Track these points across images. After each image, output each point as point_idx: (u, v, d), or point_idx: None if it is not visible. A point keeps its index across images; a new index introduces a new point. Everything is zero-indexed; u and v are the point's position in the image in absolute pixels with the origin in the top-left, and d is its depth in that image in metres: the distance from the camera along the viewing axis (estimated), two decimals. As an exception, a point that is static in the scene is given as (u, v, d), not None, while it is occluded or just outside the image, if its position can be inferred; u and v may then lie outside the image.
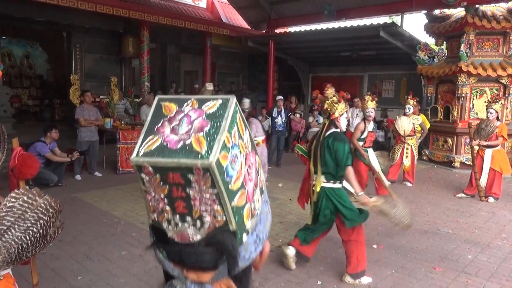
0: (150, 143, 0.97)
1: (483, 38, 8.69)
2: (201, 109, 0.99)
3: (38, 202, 1.56)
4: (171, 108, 1.02)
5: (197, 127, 0.96)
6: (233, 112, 0.98)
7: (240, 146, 0.98)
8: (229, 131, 0.95)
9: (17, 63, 14.43)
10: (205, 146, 0.91)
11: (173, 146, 0.94)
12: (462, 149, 8.85)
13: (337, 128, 3.51)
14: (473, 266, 3.88)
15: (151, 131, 1.00)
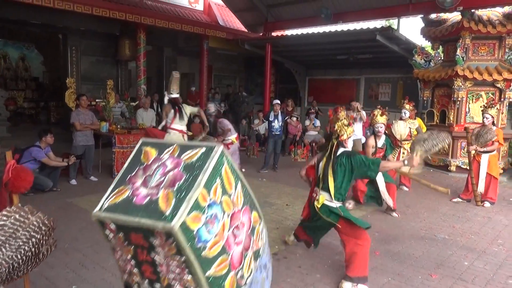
0: (117, 195, 0.86)
1: (479, 42, 8.72)
2: (179, 158, 0.86)
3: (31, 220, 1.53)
4: (150, 154, 0.92)
5: (170, 180, 0.82)
6: (216, 163, 0.84)
7: (225, 204, 0.84)
8: (207, 187, 0.81)
9: (13, 65, 14.33)
10: (172, 206, 0.77)
11: (139, 201, 0.82)
12: (458, 153, 8.87)
13: (344, 148, 3.68)
14: (469, 273, 3.88)
15: (123, 180, 0.89)
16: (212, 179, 0.80)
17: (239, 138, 11.24)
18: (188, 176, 0.79)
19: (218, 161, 0.82)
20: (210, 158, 0.80)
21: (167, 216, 0.73)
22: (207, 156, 0.80)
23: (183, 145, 0.89)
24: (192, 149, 0.85)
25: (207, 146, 0.85)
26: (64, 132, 9.53)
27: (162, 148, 0.89)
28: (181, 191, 0.77)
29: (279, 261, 4.03)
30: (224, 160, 0.83)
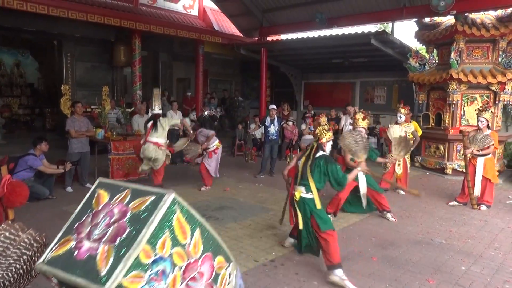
0: (61, 246, 0.81)
1: (473, 45, 8.78)
2: (127, 206, 0.80)
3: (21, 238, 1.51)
4: (102, 199, 0.86)
5: (113, 234, 0.76)
6: (164, 215, 0.77)
7: (175, 256, 0.77)
8: (152, 242, 0.74)
9: (7, 71, 14.26)
10: (109, 266, 0.72)
11: (79, 256, 0.76)
12: (454, 155, 8.91)
13: (324, 151, 4.09)
14: (466, 278, 3.88)
15: (71, 228, 0.84)
16: (159, 233, 0.75)
17: (235, 143, 11.28)
18: (132, 230, 0.74)
19: (167, 212, 0.77)
20: (157, 209, 0.75)
21: (102, 277, 0.69)
22: (155, 207, 0.75)
23: (135, 190, 0.84)
24: (142, 197, 0.80)
25: (158, 194, 0.79)
26: (60, 139, 9.48)
27: (114, 192, 0.84)
28: (121, 247, 0.72)
29: (276, 268, 4.02)
30: (175, 208, 0.78)
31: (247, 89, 16.28)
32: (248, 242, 4.70)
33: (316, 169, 3.96)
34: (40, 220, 5.23)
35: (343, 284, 3.61)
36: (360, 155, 4.29)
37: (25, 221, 5.01)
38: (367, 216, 5.80)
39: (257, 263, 4.12)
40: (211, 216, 5.68)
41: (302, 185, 4.02)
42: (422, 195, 7.13)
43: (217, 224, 5.33)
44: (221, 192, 7.20)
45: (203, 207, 6.14)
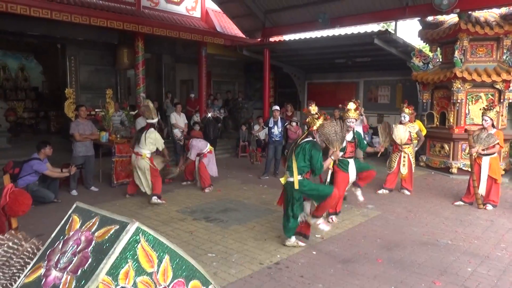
0: (32, 272, 0.82)
1: (477, 44, 8.73)
2: (93, 235, 0.79)
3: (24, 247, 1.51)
4: (74, 225, 0.86)
5: (76, 264, 0.77)
6: (126, 244, 0.76)
7: (141, 285, 0.76)
8: (112, 273, 0.74)
9: (12, 75, 14.38)
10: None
11: (46, 285, 0.77)
12: (459, 155, 8.86)
13: (313, 138, 4.37)
14: (473, 279, 3.85)
15: (44, 255, 0.84)
16: (121, 263, 0.74)
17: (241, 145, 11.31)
18: (93, 261, 0.74)
19: (129, 241, 0.76)
20: (118, 240, 0.74)
21: None
22: (117, 237, 0.75)
23: (103, 218, 0.83)
24: (107, 226, 0.79)
25: (121, 223, 0.78)
26: (65, 142, 9.54)
27: (85, 218, 0.84)
28: (81, 279, 0.72)
29: (281, 270, 4.01)
30: (139, 238, 0.77)
31: (251, 90, 16.28)
32: (252, 244, 4.69)
33: (301, 152, 4.26)
34: (46, 224, 5.25)
35: (317, 227, 4.36)
36: (335, 145, 4.55)
37: (31, 225, 5.06)
38: (372, 218, 5.78)
39: (262, 265, 4.11)
40: (215, 219, 5.68)
41: (288, 170, 4.36)
42: (428, 195, 7.11)
43: (221, 226, 5.33)
44: (225, 194, 7.19)
45: (207, 210, 6.14)
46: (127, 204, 6.43)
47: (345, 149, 5.54)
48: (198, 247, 4.60)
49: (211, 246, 4.65)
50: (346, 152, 5.57)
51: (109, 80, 12.17)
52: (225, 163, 10.61)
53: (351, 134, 5.64)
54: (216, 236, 4.97)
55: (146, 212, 5.99)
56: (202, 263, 4.14)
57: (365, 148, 6.09)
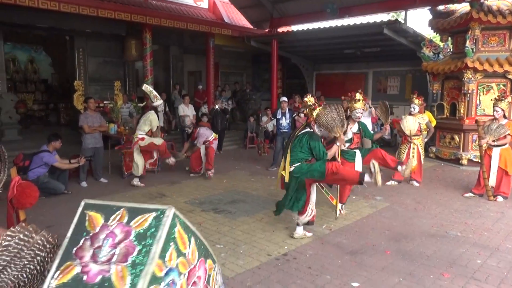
0: (64, 273, 0.81)
1: (489, 33, 8.56)
2: (129, 226, 0.83)
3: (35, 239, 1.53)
4: (96, 221, 0.86)
5: (122, 253, 0.79)
6: (168, 229, 0.82)
7: (180, 266, 0.82)
8: (162, 256, 0.79)
9: (22, 68, 14.49)
10: (128, 284, 0.75)
11: (90, 279, 0.78)
12: (469, 146, 8.76)
13: (311, 129, 4.38)
14: (482, 271, 3.82)
15: (69, 254, 0.84)
16: (167, 247, 0.79)
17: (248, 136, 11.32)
18: (141, 248, 0.77)
19: (170, 225, 0.80)
20: (162, 225, 0.78)
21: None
22: (159, 222, 0.78)
23: (131, 209, 0.86)
24: (141, 215, 0.82)
25: (157, 210, 0.82)
26: (74, 133, 9.62)
27: (108, 213, 0.86)
28: (135, 265, 0.75)
29: (288, 261, 4.02)
30: (176, 222, 0.82)
31: (259, 81, 16.22)
32: (260, 235, 4.71)
33: (298, 144, 4.27)
34: (57, 215, 5.33)
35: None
36: (337, 130, 4.38)
37: (41, 216, 5.12)
38: (381, 209, 5.75)
39: (270, 257, 4.13)
40: (223, 210, 5.70)
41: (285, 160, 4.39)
42: (437, 187, 7.06)
43: (230, 218, 5.36)
44: (233, 185, 7.21)
45: (216, 201, 6.17)
46: (135, 196, 6.48)
47: (351, 140, 5.51)
48: (206, 238, 4.57)
49: (219, 237, 4.68)
50: (353, 143, 5.53)
51: (117, 72, 12.21)
52: (233, 154, 10.63)
53: (356, 125, 5.58)
54: (224, 228, 4.99)
55: (154, 203, 6.02)
56: (210, 254, 4.17)
57: (372, 136, 5.98)
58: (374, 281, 3.60)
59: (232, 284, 3.55)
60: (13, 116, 9.67)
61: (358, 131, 5.60)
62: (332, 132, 4.39)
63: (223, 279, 1.00)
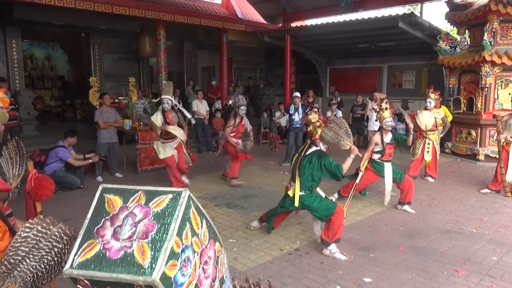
0: (87, 250, 0.86)
1: (508, 25, 8.36)
2: (148, 207, 0.88)
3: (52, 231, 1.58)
4: (115, 203, 0.92)
5: (142, 231, 0.85)
6: (184, 209, 0.87)
7: (194, 245, 0.88)
8: (179, 234, 0.85)
9: (39, 65, 14.75)
10: (149, 258, 0.80)
11: (113, 255, 0.83)
12: (486, 141, 8.60)
13: (317, 147, 4.14)
14: (498, 268, 3.76)
15: (90, 233, 0.89)
16: (183, 225, 0.85)
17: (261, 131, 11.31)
18: (160, 226, 0.83)
19: (186, 206, 0.85)
20: (179, 205, 0.84)
21: (146, 269, 0.77)
22: (176, 203, 0.84)
23: (148, 192, 0.91)
24: (158, 196, 0.87)
25: (173, 192, 0.87)
26: (90, 129, 9.77)
27: (126, 195, 0.92)
28: (155, 242, 0.80)
29: (301, 256, 4.03)
30: (191, 203, 0.87)
31: (272, 76, 16.18)
32: (273, 230, 4.72)
33: (308, 166, 4.04)
34: (73, 209, 5.44)
35: (333, 257, 3.97)
36: (345, 143, 4.15)
37: (58, 210, 5.24)
38: (394, 205, 5.69)
39: (282, 251, 4.14)
40: (236, 205, 5.73)
41: (293, 181, 4.17)
42: (453, 183, 6.95)
43: (242, 213, 5.39)
44: (246, 180, 7.22)
45: (229, 196, 6.20)
46: (150, 190, 6.56)
47: (383, 152, 5.41)
48: (219, 233, 4.63)
49: (232, 232, 4.71)
50: (384, 155, 5.42)
51: (131, 68, 12.33)
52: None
53: (390, 135, 5.45)
54: (237, 222, 5.02)
55: (168, 198, 6.10)
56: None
57: (406, 141, 5.61)
58: (386, 277, 3.59)
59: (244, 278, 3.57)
60: (31, 112, 9.87)
61: (393, 141, 5.48)
62: (342, 146, 4.17)
63: (229, 270, 1.04)
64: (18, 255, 1.50)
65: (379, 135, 5.44)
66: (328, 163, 3.97)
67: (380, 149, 5.41)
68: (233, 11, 12.49)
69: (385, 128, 5.41)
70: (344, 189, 5.67)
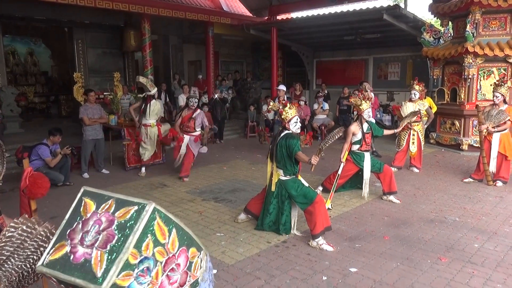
0: (57, 251, 0.94)
1: (490, 17, 8.48)
2: (113, 216, 0.94)
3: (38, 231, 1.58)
4: (89, 207, 0.99)
5: (104, 240, 0.91)
6: (146, 222, 0.92)
7: (157, 254, 0.94)
8: (138, 246, 0.90)
9: (21, 60, 14.48)
10: (103, 268, 0.87)
11: (76, 260, 0.91)
12: (470, 131, 8.75)
13: (288, 131, 4.30)
14: (479, 255, 3.86)
15: (63, 234, 0.97)
16: (143, 238, 0.89)
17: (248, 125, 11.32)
18: (120, 237, 0.88)
19: (149, 219, 0.90)
20: (140, 219, 0.88)
21: (98, 278, 0.82)
22: (139, 216, 0.89)
23: (119, 200, 0.96)
24: (125, 207, 0.92)
25: (140, 204, 0.92)
26: (76, 125, 9.65)
27: (100, 201, 0.97)
28: (112, 252, 0.86)
29: (288, 248, 4.08)
30: (155, 215, 0.91)
31: (259, 69, 16.16)
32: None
33: (279, 150, 4.22)
34: (59, 206, 5.39)
35: (320, 248, 4.03)
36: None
37: (45, 207, 5.19)
38: (380, 195, 5.77)
39: (270, 244, 4.19)
40: (224, 199, 5.75)
41: (279, 168, 4.33)
42: (437, 173, 7.08)
43: (230, 207, 5.41)
44: (234, 174, 7.25)
45: (216, 190, 6.22)
46: (137, 186, 6.54)
47: (361, 141, 5.48)
48: (207, 227, 4.69)
49: (219, 225, 4.73)
50: (363, 145, 5.49)
51: (116, 63, 12.19)
52: (234, 143, 10.66)
53: (365, 124, 5.53)
54: (225, 216, 5.05)
55: (156, 193, 6.09)
56: (211, 242, 4.23)
57: (382, 133, 5.80)
58: (372, 266, 3.65)
59: (232, 271, 3.61)
60: (14, 109, 9.72)
61: (369, 130, 5.57)
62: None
63: (212, 264, 1.08)
64: (2, 254, 1.49)
65: (356, 124, 5.51)
66: (292, 144, 4.11)
67: (358, 139, 5.48)
68: (218, 4, 12.40)
69: (365, 118, 5.48)
70: (328, 181, 5.75)
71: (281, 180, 4.34)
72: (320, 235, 4.07)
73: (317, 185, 5.95)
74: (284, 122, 4.32)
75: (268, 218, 4.45)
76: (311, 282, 3.40)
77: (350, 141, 5.51)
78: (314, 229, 4.08)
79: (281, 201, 4.38)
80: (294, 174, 4.32)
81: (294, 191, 4.24)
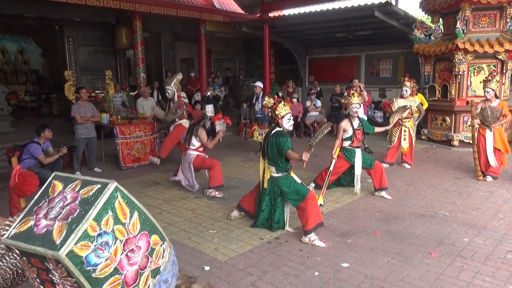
0: (22, 225, 1.00)
1: (480, 13, 8.56)
2: (78, 193, 1.00)
3: None
4: (57, 188, 1.04)
5: (66, 213, 0.97)
6: (108, 198, 0.97)
7: (117, 232, 0.98)
8: (97, 219, 0.95)
9: (12, 59, 14.32)
10: (62, 237, 0.92)
11: (38, 231, 0.97)
12: (461, 127, 8.83)
13: (280, 128, 4.32)
14: (469, 249, 3.92)
15: (30, 211, 1.03)
16: (103, 212, 0.94)
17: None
18: (81, 210, 0.93)
19: (110, 196, 0.96)
20: (102, 194, 0.94)
21: (57, 245, 0.87)
22: (100, 192, 0.94)
23: (85, 181, 1.01)
24: (90, 185, 0.98)
25: (103, 183, 0.97)
26: (67, 124, 9.59)
27: (67, 183, 1.02)
28: (72, 223, 0.90)
29: (280, 245, 4.10)
30: (117, 194, 0.96)
31: (252, 67, 16.15)
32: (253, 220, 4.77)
33: (269, 147, 4.25)
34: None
35: (312, 244, 4.05)
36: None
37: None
38: (372, 191, 5.81)
39: (262, 240, 4.21)
40: (216, 196, 5.76)
41: (271, 165, 4.34)
42: (428, 168, 7.14)
43: (223, 204, 5.42)
44: (226, 172, 7.25)
45: (209, 187, 6.21)
46: (130, 185, 6.52)
47: (352, 138, 5.52)
48: (200, 224, 4.70)
49: (212, 223, 4.75)
50: (354, 141, 5.54)
51: (108, 61, 12.09)
52: (227, 141, 10.65)
53: (356, 120, 5.57)
54: (218, 213, 5.06)
55: (149, 191, 6.08)
56: (203, 239, 4.25)
57: (373, 130, 5.80)
58: (363, 261, 3.69)
59: (225, 268, 3.63)
60: (4, 108, 9.62)
61: (360, 127, 5.60)
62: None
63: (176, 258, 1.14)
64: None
65: (347, 121, 5.55)
66: (282, 142, 4.14)
67: (349, 135, 5.52)
68: (210, 2, 12.34)
69: (351, 114, 5.52)
70: (319, 177, 5.77)
71: (274, 177, 4.36)
72: (312, 231, 4.11)
73: (310, 182, 5.99)
74: (277, 118, 4.32)
75: (262, 216, 4.48)
76: (303, 278, 3.43)
77: (341, 138, 5.55)
78: (306, 225, 4.11)
79: (273, 198, 4.40)
80: (286, 171, 4.36)
81: (286, 187, 4.27)
